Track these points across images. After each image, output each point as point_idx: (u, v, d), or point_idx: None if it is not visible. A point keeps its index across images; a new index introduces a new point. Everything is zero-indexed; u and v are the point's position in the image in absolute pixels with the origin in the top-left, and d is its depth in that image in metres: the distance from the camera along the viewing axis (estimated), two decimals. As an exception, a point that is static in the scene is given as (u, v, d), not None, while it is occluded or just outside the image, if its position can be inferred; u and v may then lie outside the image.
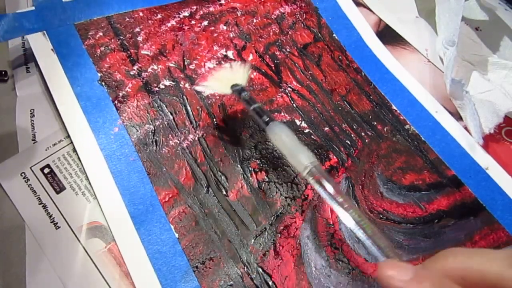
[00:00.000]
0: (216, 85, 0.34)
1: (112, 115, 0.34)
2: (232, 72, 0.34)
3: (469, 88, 0.41)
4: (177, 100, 0.36)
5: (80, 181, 0.32)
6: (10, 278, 0.28)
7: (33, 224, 0.29)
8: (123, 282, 0.28)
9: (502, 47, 0.45)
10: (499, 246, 0.33)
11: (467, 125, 0.39)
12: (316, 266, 0.30)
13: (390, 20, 0.46)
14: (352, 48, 0.43)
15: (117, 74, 0.36)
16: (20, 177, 0.31)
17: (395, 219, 0.33)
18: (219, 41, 0.40)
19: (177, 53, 0.38)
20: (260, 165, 0.34)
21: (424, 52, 0.45)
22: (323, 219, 0.33)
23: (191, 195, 0.32)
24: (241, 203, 0.32)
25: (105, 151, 0.32)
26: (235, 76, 0.34)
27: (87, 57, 0.36)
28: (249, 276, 0.29)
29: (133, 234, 0.30)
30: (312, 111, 0.38)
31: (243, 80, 0.33)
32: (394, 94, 0.40)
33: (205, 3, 0.42)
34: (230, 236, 0.31)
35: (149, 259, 0.29)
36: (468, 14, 0.47)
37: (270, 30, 0.42)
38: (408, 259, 0.32)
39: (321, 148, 0.36)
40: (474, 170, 0.37)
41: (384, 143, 0.37)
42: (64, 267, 0.28)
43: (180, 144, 0.34)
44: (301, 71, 0.40)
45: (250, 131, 0.36)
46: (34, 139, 0.33)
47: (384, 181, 0.35)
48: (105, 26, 0.38)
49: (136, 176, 0.32)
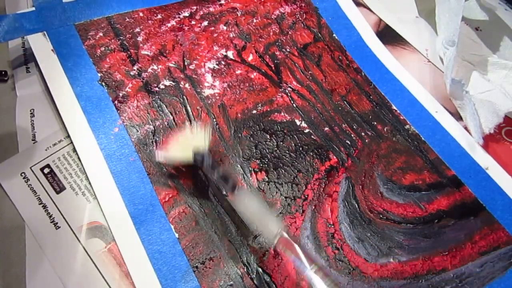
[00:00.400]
0: (177, 152, 0.31)
1: (112, 115, 0.34)
2: (192, 136, 0.32)
3: (469, 88, 0.41)
4: (177, 100, 0.36)
5: (80, 181, 0.32)
6: (10, 278, 0.28)
7: (33, 224, 0.29)
8: (123, 282, 0.28)
9: (502, 47, 0.45)
10: (499, 246, 0.33)
11: (467, 125, 0.39)
12: (316, 266, 0.30)
13: (390, 20, 0.46)
14: (352, 48, 0.43)
15: (117, 74, 0.36)
16: (20, 177, 0.31)
17: (395, 219, 0.33)
18: (219, 41, 0.40)
19: (177, 53, 0.38)
20: (260, 165, 0.34)
21: (424, 52, 0.44)
22: (323, 219, 0.33)
23: (191, 195, 0.32)
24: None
25: (105, 151, 0.32)
26: (196, 139, 0.31)
27: (87, 58, 0.36)
28: (249, 276, 0.29)
29: (133, 234, 0.30)
30: (312, 111, 0.38)
31: (205, 143, 0.31)
32: (394, 94, 0.40)
33: (205, 3, 0.42)
34: (230, 236, 0.31)
35: (149, 259, 0.29)
36: (468, 14, 0.47)
37: (270, 30, 0.42)
38: (408, 259, 0.32)
39: (321, 148, 0.36)
40: (474, 170, 0.37)
41: (384, 143, 0.37)
42: (64, 267, 0.28)
43: (180, 144, 0.34)
44: (301, 71, 0.40)
45: (250, 131, 0.36)
46: (34, 139, 0.33)
47: (384, 181, 0.35)
48: (105, 27, 0.38)
49: (136, 176, 0.32)
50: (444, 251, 0.32)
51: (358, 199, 0.34)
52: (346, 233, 0.32)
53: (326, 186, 0.34)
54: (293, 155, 0.35)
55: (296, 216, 0.32)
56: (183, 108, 0.36)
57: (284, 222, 0.32)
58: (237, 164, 0.34)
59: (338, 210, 0.33)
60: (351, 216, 0.33)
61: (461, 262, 0.32)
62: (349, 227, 0.33)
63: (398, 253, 0.32)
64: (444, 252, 0.32)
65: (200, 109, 0.36)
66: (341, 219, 0.33)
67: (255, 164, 0.34)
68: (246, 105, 0.37)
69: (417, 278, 0.31)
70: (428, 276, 0.31)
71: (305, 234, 0.32)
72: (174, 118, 0.35)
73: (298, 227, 0.32)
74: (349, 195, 0.34)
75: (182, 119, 0.35)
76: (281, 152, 0.35)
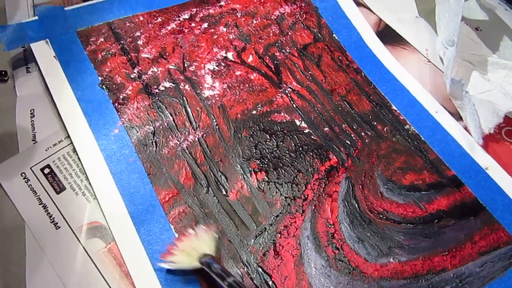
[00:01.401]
0: (183, 259, 0.29)
1: (112, 117, 0.34)
2: (198, 241, 0.30)
3: (469, 88, 0.41)
4: (177, 101, 0.36)
5: (80, 181, 0.32)
6: (10, 278, 0.28)
7: (33, 224, 0.29)
8: (123, 282, 0.28)
9: (502, 47, 0.45)
10: (499, 246, 0.33)
11: (467, 125, 0.39)
12: (316, 266, 0.30)
13: (390, 20, 0.46)
14: (352, 48, 0.43)
15: (118, 77, 0.36)
16: (20, 177, 0.31)
17: (395, 219, 0.33)
18: (219, 43, 0.40)
19: (177, 56, 0.39)
20: (260, 165, 0.34)
21: (424, 52, 0.44)
22: (323, 219, 0.33)
23: (191, 195, 0.32)
24: (241, 203, 0.32)
25: (105, 152, 0.32)
26: (201, 245, 0.29)
27: (88, 63, 0.36)
28: (249, 276, 0.29)
29: (133, 234, 0.30)
30: (312, 112, 0.38)
31: (211, 248, 0.29)
32: (394, 94, 0.40)
33: (205, 5, 0.42)
34: (230, 236, 0.31)
35: (149, 259, 0.29)
36: (468, 14, 0.47)
37: (270, 31, 0.42)
38: (408, 259, 0.32)
39: (321, 148, 0.36)
40: (474, 170, 0.37)
41: (384, 143, 0.37)
42: (64, 267, 0.28)
43: (180, 145, 0.34)
44: (301, 71, 0.40)
45: (250, 131, 0.36)
46: (34, 139, 0.33)
47: (384, 181, 0.35)
48: (106, 32, 0.38)
49: (136, 176, 0.32)
50: (444, 251, 0.32)
51: (358, 199, 0.34)
52: (346, 233, 0.32)
53: (326, 186, 0.34)
54: (293, 155, 0.35)
55: (296, 216, 0.32)
56: (183, 109, 0.36)
57: (284, 222, 0.32)
58: (237, 164, 0.34)
59: (338, 210, 0.33)
60: (351, 216, 0.33)
61: (461, 262, 0.32)
62: (349, 227, 0.33)
63: (398, 253, 0.32)
64: (444, 252, 0.32)
65: (200, 110, 0.36)
66: (341, 219, 0.33)
67: (255, 164, 0.34)
68: (246, 105, 0.37)
69: (417, 278, 0.31)
70: (428, 276, 0.31)
71: (305, 234, 0.32)
72: (174, 119, 0.35)
73: (298, 227, 0.32)
74: (349, 195, 0.34)
75: (182, 120, 0.35)
76: (281, 152, 0.35)
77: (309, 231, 0.32)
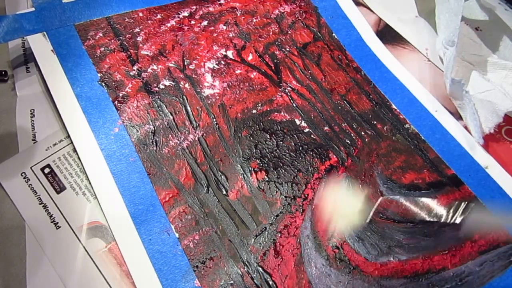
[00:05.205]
0: None
1: (112, 116, 0.34)
2: None
3: (469, 88, 0.41)
4: (177, 100, 0.36)
5: (80, 181, 0.32)
6: (10, 278, 0.28)
7: (33, 224, 0.29)
8: (124, 282, 0.28)
9: (502, 47, 0.45)
10: (499, 245, 0.33)
11: (467, 124, 0.39)
12: (316, 265, 0.31)
13: (390, 20, 0.46)
14: (351, 47, 0.43)
15: (117, 74, 0.36)
16: (20, 177, 0.31)
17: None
18: (218, 41, 0.40)
19: (177, 53, 0.38)
20: (260, 164, 0.34)
21: (424, 52, 0.45)
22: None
23: (191, 195, 0.32)
24: (241, 203, 0.32)
25: (105, 152, 0.32)
26: None
27: (87, 58, 0.36)
28: (250, 276, 0.29)
29: (134, 234, 0.30)
30: (312, 111, 0.38)
31: None
32: (394, 93, 0.40)
33: (204, 3, 0.42)
34: (230, 235, 0.31)
35: (150, 259, 0.29)
36: (468, 14, 0.47)
37: (269, 29, 0.42)
38: (408, 258, 0.32)
39: (321, 147, 0.36)
40: (474, 169, 0.37)
41: (384, 142, 0.37)
42: (65, 267, 0.28)
43: (180, 144, 0.34)
44: (300, 70, 0.40)
45: (250, 131, 0.36)
46: (34, 139, 0.33)
47: (384, 180, 0.35)
48: (105, 27, 0.38)
49: (136, 176, 0.32)
50: (444, 250, 0.32)
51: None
52: (346, 232, 0.32)
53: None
54: (293, 155, 0.35)
55: (296, 216, 0.32)
56: (183, 108, 0.36)
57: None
58: (237, 164, 0.34)
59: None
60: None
61: (460, 261, 0.32)
62: (349, 226, 0.33)
63: (398, 252, 0.32)
64: (444, 251, 0.32)
65: (200, 109, 0.36)
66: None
67: (255, 163, 0.34)
68: (246, 104, 0.37)
69: (417, 277, 0.31)
70: (428, 275, 0.31)
71: (305, 234, 0.32)
72: (174, 118, 0.35)
73: (298, 226, 0.32)
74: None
75: (182, 119, 0.35)
76: (281, 151, 0.35)
77: (309, 230, 0.32)
